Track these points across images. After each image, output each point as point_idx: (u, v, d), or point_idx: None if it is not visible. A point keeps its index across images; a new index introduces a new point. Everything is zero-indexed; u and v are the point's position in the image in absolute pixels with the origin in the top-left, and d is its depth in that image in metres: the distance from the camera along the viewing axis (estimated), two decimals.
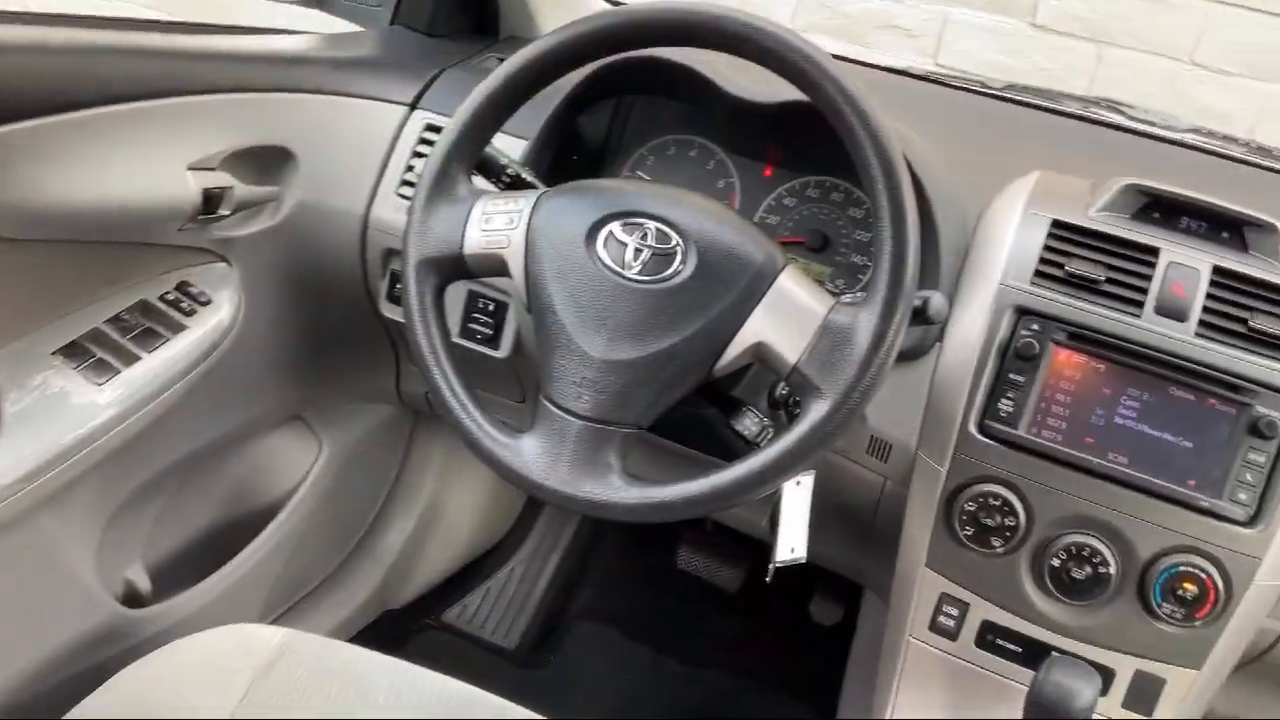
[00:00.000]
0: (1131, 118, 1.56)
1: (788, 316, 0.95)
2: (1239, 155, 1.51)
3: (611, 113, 1.38)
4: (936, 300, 0.99)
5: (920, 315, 0.99)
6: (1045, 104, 1.54)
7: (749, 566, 1.91)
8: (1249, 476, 1.02)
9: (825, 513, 1.18)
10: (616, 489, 0.96)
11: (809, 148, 1.25)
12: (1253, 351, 1.03)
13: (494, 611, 1.97)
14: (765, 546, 1.15)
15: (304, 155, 1.34)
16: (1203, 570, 1.03)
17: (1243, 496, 1.02)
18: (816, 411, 0.92)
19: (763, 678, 1.88)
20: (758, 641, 1.95)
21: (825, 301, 0.95)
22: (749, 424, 1.05)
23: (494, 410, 1.03)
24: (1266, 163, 1.50)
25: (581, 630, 1.97)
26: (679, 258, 0.96)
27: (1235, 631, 1.05)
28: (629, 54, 1.11)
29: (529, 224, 1.01)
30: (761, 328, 0.95)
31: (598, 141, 1.38)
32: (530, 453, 0.98)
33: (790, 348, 0.94)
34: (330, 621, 1.74)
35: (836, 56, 0.95)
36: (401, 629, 1.89)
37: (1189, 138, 1.53)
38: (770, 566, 1.16)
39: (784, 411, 1.15)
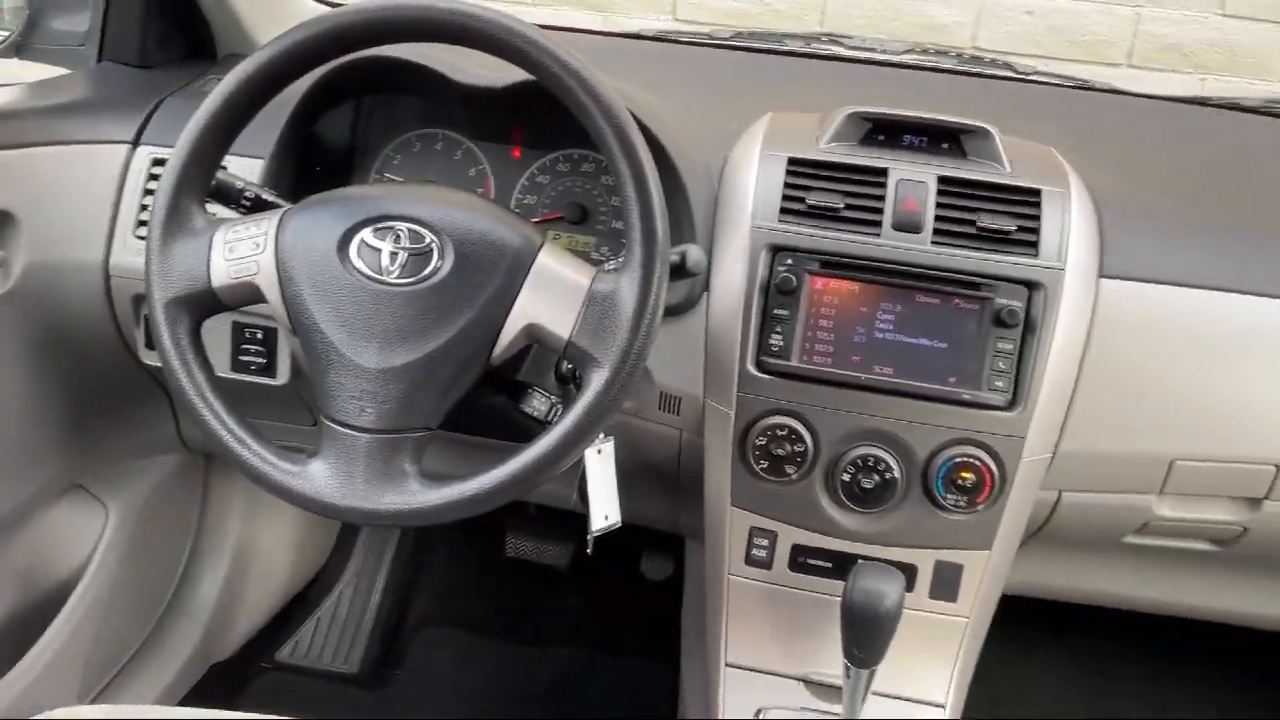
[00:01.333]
0: (852, 48, 1.64)
1: (553, 293, 0.96)
2: (952, 67, 1.61)
3: (352, 117, 1.35)
4: (693, 253, 1.03)
5: (680, 270, 1.02)
6: (771, 47, 1.60)
7: (576, 541, 1.93)
8: (1001, 364, 1.10)
9: (633, 474, 1.21)
10: (418, 494, 0.95)
11: (552, 123, 1.25)
12: (984, 249, 1.11)
13: (329, 640, 1.92)
14: (586, 519, 1.17)
15: (25, 215, 1.26)
16: (976, 458, 1.11)
17: (999, 384, 1.10)
18: (597, 380, 0.94)
19: (607, 644, 1.92)
20: (597, 611, 1.98)
21: (587, 273, 0.97)
22: (538, 404, 1.07)
23: (289, 439, 1.00)
24: (979, 70, 1.61)
25: (423, 638, 1.95)
26: (436, 255, 0.96)
27: (1014, 508, 1.14)
28: (352, 56, 1.09)
29: (276, 245, 0.98)
30: (529, 309, 0.96)
31: (342, 148, 1.35)
32: (321, 476, 0.96)
33: (560, 323, 0.95)
34: (155, 688, 1.66)
35: (570, 30, 0.97)
36: (234, 680, 1.82)
37: (907, 59, 1.62)
38: (589, 538, 1.18)
39: (573, 385, 1.17)
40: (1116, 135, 1.41)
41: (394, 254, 0.96)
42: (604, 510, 1.17)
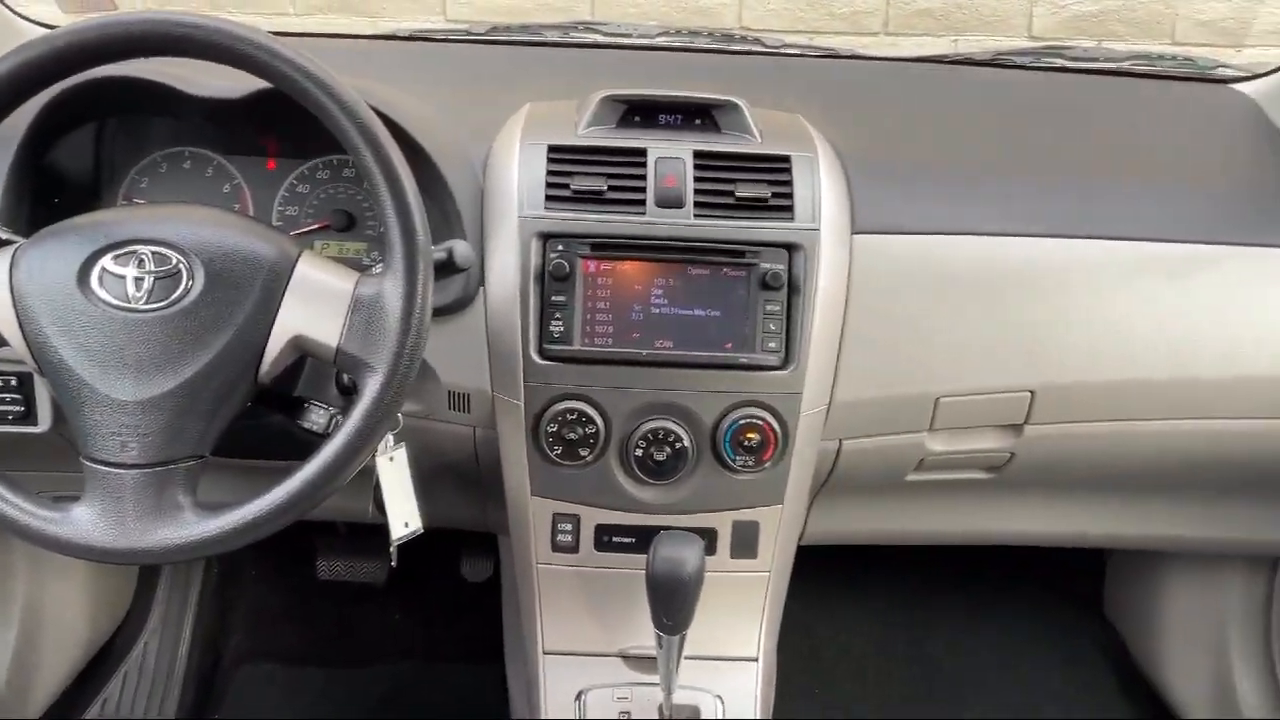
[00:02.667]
0: (608, 34, 1.66)
1: (316, 302, 0.94)
2: (705, 46, 1.66)
3: (92, 141, 1.28)
4: (460, 248, 1.02)
5: (448, 266, 1.02)
6: (529, 38, 1.61)
7: (389, 554, 1.90)
8: (772, 326, 1.15)
9: (432, 477, 1.20)
10: (195, 526, 0.92)
11: (305, 131, 1.22)
12: (744, 217, 1.15)
13: (140, 693, 1.82)
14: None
15: None
16: (759, 418, 1.15)
17: (772, 345, 1.15)
18: (372, 386, 0.92)
19: (435, 653, 1.89)
20: (421, 621, 1.96)
21: (350, 278, 0.95)
22: (316, 418, 1.04)
23: (67, 488, 0.95)
24: (731, 47, 1.66)
25: (241, 677, 1.88)
26: (185, 276, 0.92)
27: (800, 461, 1.19)
28: (81, 78, 1.03)
29: (10, 285, 0.92)
30: (293, 320, 0.93)
31: (84, 176, 1.28)
32: (87, 520, 0.91)
33: (327, 332, 0.93)
34: None
35: (324, 35, 0.94)
36: None
37: (661, 40, 1.66)
38: (391, 547, 1.16)
39: (355, 395, 1.15)
40: (861, 99, 1.48)
41: (139, 279, 0.92)
42: (403, 517, 1.16)
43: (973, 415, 1.25)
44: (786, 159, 1.18)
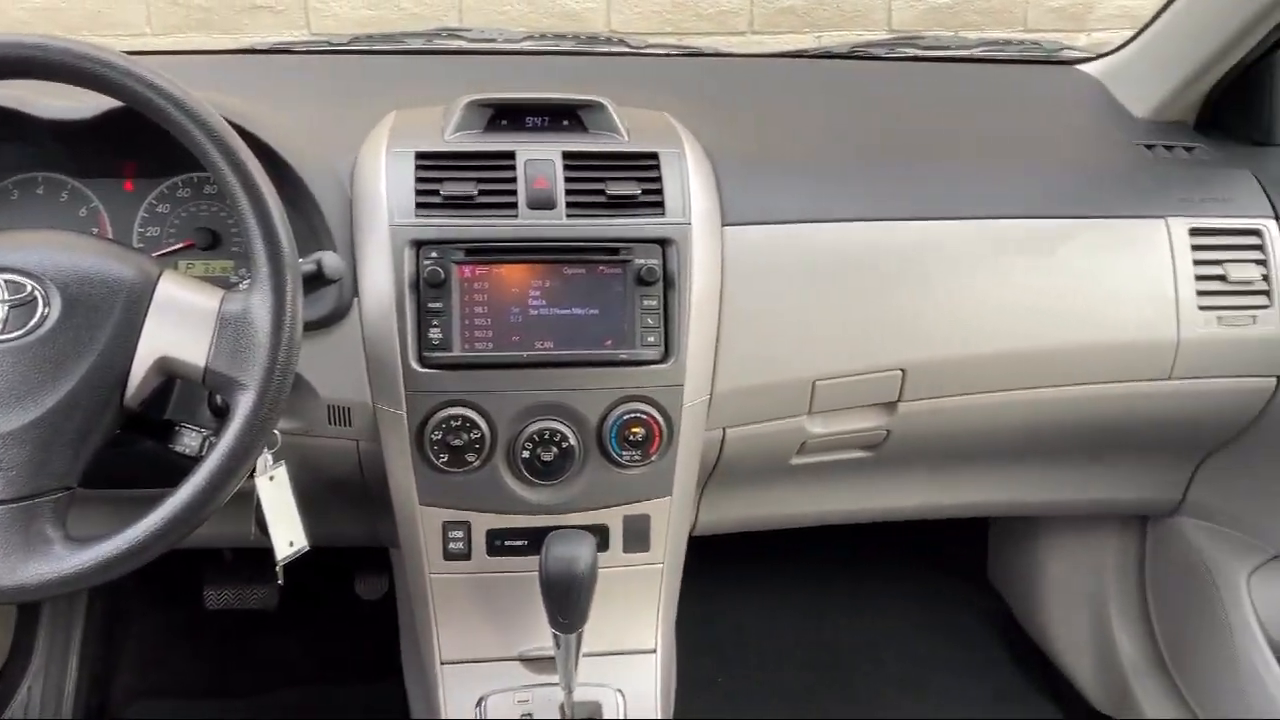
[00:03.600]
0: (473, 40, 1.66)
1: (180, 322, 0.92)
2: (571, 49, 1.67)
3: None
4: (329, 260, 1.01)
5: (318, 278, 1.01)
6: (392, 47, 1.59)
7: (277, 576, 1.86)
8: (650, 320, 1.16)
9: (317, 494, 1.18)
10: (67, 559, 0.89)
11: (163, 150, 1.19)
12: (616, 215, 1.16)
13: None
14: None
15: None
16: (643, 413, 1.16)
17: (651, 339, 1.16)
18: (244, 404, 0.91)
19: (333, 675, 1.86)
20: (317, 643, 1.92)
21: (215, 295, 0.93)
22: (189, 441, 1.02)
23: None
24: (596, 49, 1.68)
25: (132, 715, 1.81)
26: (41, 302, 0.89)
27: (686, 452, 1.20)
28: None
29: None
30: (157, 342, 0.91)
31: None
32: None
33: (194, 351, 0.91)
34: None
35: (180, 52, 0.92)
36: None
37: (527, 45, 1.67)
38: (276, 568, 1.14)
39: (228, 415, 1.12)
40: (725, 95, 1.51)
41: None
42: (287, 537, 1.13)
43: (849, 396, 1.28)
44: (654, 156, 1.19)
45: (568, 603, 1.10)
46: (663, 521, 1.22)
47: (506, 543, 1.20)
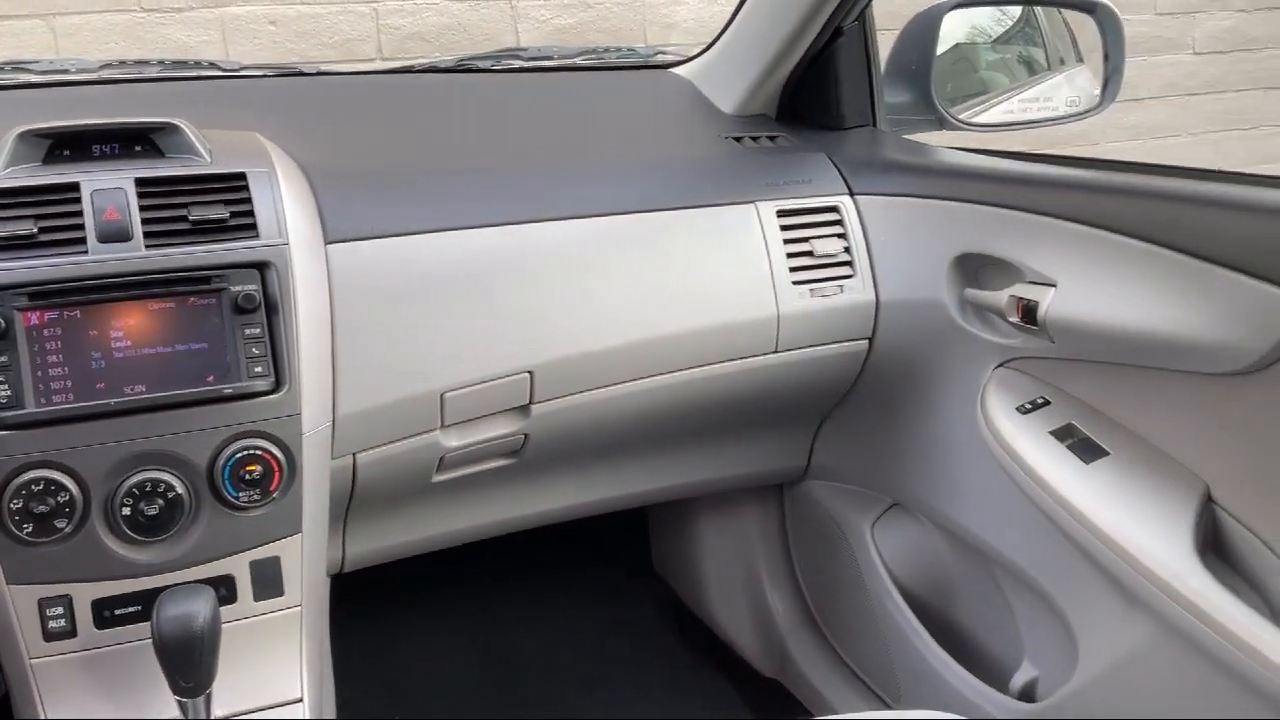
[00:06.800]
0: (41, 72, 1.52)
1: None
2: (156, 75, 1.56)
3: None
4: None
5: None
6: None
7: None
8: (255, 350, 1.09)
9: None
10: None
11: None
12: (203, 241, 1.08)
13: None
14: None
15: None
16: (259, 448, 1.08)
17: (259, 369, 1.09)
18: None
19: None
20: None
21: None
22: None
23: None
24: (184, 74, 1.57)
25: None
26: None
27: (312, 484, 1.14)
28: None
29: None
30: None
31: None
32: None
33: None
34: None
35: None
36: None
37: (105, 74, 1.54)
38: None
39: None
40: (328, 113, 1.47)
41: None
42: None
43: (480, 405, 1.27)
44: (242, 176, 1.13)
45: (188, 665, 1.01)
46: (295, 561, 1.15)
47: (116, 612, 1.08)
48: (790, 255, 1.42)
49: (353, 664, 1.28)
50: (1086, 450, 1.23)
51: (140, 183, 1.09)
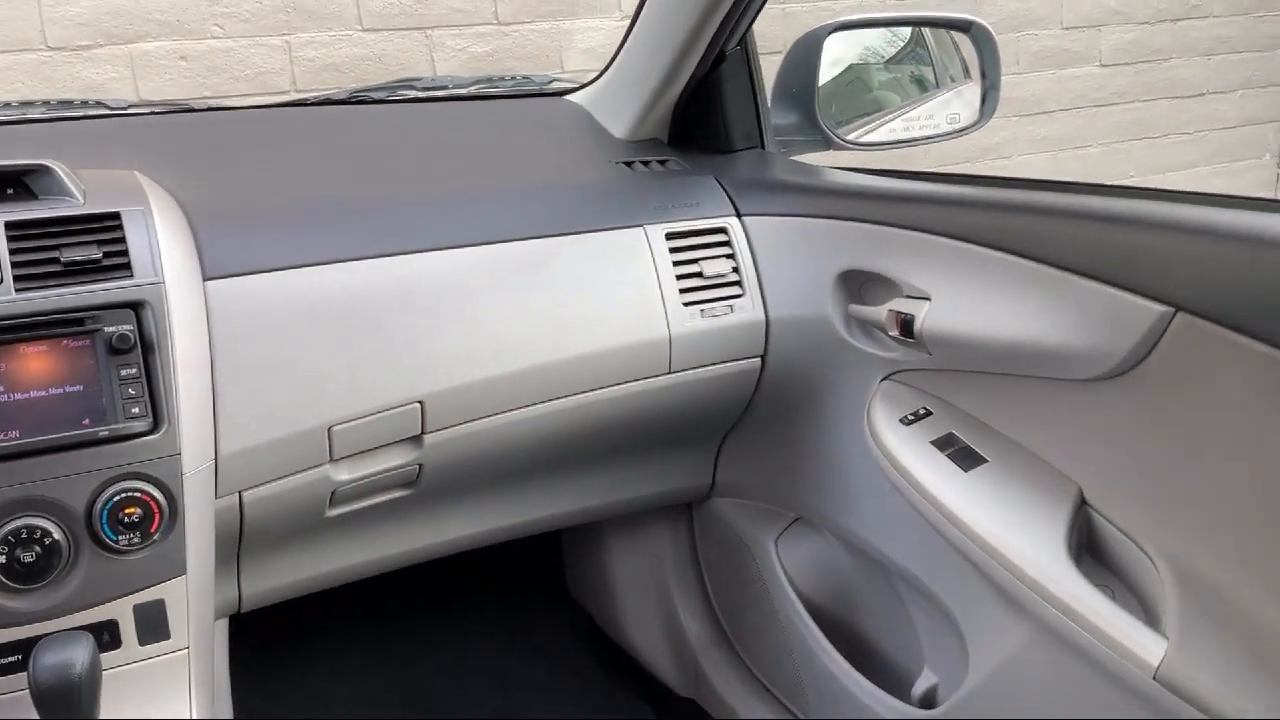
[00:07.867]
0: None
1: None
2: (41, 116, 1.54)
3: None
4: None
5: None
6: None
7: None
8: (132, 390, 1.08)
9: None
10: None
11: None
12: (76, 283, 1.08)
13: None
14: None
15: None
16: (138, 490, 1.07)
17: (136, 410, 1.08)
18: None
19: None
20: None
21: None
22: None
23: None
24: (69, 114, 1.56)
25: None
26: None
27: (196, 524, 1.13)
28: None
29: None
30: None
31: None
32: None
33: None
34: None
35: None
36: None
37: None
38: None
39: None
40: (212, 149, 1.46)
41: None
42: None
43: (370, 437, 1.27)
44: (116, 216, 1.12)
45: (67, 714, 0.99)
46: (180, 603, 1.14)
47: None
48: (680, 277, 1.43)
49: (255, 705, 1.26)
50: (966, 458, 1.26)
51: (10, 226, 1.08)
